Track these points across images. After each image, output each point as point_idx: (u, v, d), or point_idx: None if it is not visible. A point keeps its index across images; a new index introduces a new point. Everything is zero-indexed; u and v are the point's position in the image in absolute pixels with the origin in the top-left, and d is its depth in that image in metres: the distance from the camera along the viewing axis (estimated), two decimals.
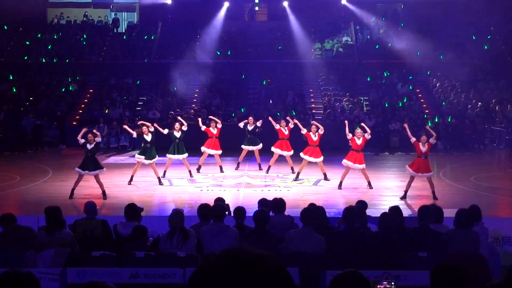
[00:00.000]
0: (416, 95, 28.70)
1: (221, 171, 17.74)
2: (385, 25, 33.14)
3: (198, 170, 17.61)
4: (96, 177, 14.18)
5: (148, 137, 15.67)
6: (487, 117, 25.98)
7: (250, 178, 17.03)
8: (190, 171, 16.99)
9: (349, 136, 15.26)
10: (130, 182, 15.87)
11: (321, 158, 16.18)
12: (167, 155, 16.78)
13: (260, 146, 18.03)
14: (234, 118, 25.24)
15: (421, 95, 28.90)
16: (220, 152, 17.57)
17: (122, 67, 30.13)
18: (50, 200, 12.75)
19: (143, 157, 15.59)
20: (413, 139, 14.29)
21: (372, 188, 15.24)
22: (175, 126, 16.89)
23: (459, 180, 16.89)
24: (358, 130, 15.46)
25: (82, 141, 14.26)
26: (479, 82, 28.77)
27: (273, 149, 17.40)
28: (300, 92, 28.97)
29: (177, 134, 16.71)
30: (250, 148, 18.02)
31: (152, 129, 15.75)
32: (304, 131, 16.37)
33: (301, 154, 16.28)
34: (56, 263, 6.99)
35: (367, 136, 15.25)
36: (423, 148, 14.00)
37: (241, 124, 18.25)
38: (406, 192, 14.16)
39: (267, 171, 17.54)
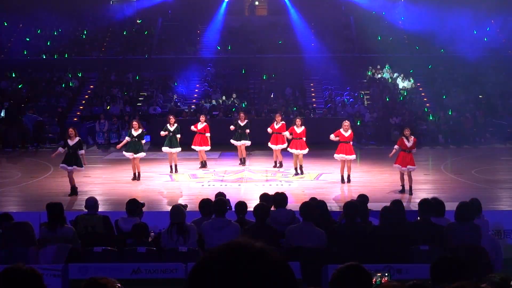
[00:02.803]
0: (416, 88, 28.67)
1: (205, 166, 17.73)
2: (385, 19, 33.08)
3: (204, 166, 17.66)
4: (71, 173, 14.14)
5: (136, 133, 15.76)
6: (488, 111, 25.96)
7: (251, 173, 17.03)
8: (171, 166, 16.96)
9: (333, 137, 15.22)
10: (134, 178, 15.85)
11: (305, 151, 16.19)
12: (162, 148, 16.94)
13: (248, 142, 18.00)
14: (235, 113, 25.22)
15: (421, 89, 28.87)
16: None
17: (123, 63, 30.12)
18: (51, 196, 12.75)
19: (131, 152, 15.67)
20: (396, 147, 14.25)
21: (349, 182, 15.17)
22: (170, 119, 17.01)
23: (460, 174, 16.89)
24: (346, 123, 15.39)
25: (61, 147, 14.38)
26: (480, 75, 28.73)
27: (269, 144, 17.41)
28: (301, 86, 28.95)
29: (171, 128, 16.80)
30: (238, 143, 17.95)
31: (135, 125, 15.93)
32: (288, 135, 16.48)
33: (288, 149, 16.46)
34: (58, 259, 6.99)
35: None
36: (408, 143, 13.96)
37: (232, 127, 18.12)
38: (403, 186, 14.15)
39: (281, 166, 17.43)
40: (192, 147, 17.47)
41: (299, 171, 16.41)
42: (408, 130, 14.24)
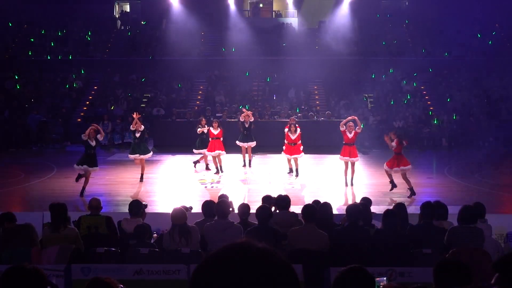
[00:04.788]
0: (420, 92, 28.65)
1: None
2: (390, 22, 33.08)
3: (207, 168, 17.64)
4: (89, 173, 14.17)
5: (137, 134, 15.71)
6: (492, 114, 25.92)
7: (254, 175, 17.02)
8: (206, 165, 17.56)
9: (342, 128, 15.18)
10: (141, 179, 15.81)
11: (301, 155, 16.31)
12: (194, 150, 17.43)
13: (254, 143, 17.94)
14: (239, 114, 25.22)
15: (425, 92, 28.85)
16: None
17: (127, 64, 30.14)
18: (54, 197, 12.77)
19: (136, 154, 15.62)
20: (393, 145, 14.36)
21: (352, 185, 15.16)
22: (202, 121, 17.39)
23: (463, 177, 16.85)
24: (350, 124, 15.38)
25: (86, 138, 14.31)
26: (484, 79, 28.70)
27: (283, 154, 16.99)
28: (305, 89, 28.93)
29: (204, 129, 17.17)
30: (245, 144, 17.85)
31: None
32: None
33: (282, 154, 16.61)
34: (60, 259, 7.00)
35: (358, 130, 15.22)
36: (391, 144, 14.05)
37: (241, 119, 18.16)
38: (410, 189, 14.09)
39: (295, 174, 16.85)
40: (208, 153, 17.14)
41: (294, 172, 16.54)
42: (393, 133, 14.32)
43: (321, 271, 6.30)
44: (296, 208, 9.54)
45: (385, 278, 4.07)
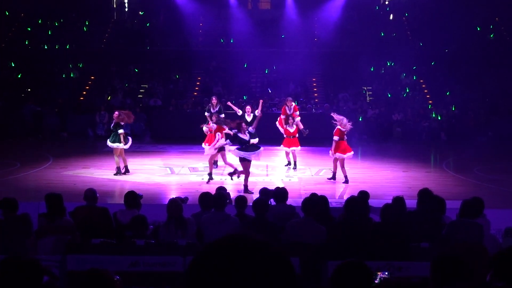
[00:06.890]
0: (419, 85, 28.61)
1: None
2: (389, 15, 33.01)
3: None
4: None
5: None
6: (491, 108, 25.90)
7: (251, 168, 16.92)
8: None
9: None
10: (126, 171, 15.62)
11: (298, 148, 16.39)
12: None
13: (256, 140, 17.68)
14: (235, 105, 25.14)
15: (424, 86, 28.81)
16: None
17: (124, 55, 30.02)
18: (50, 187, 12.74)
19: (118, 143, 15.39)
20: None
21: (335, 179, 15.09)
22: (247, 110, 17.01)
23: (462, 172, 16.83)
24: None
25: None
26: (483, 73, 28.67)
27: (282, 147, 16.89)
28: (303, 81, 28.88)
29: (248, 118, 16.68)
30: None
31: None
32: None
33: (281, 146, 16.58)
34: (56, 250, 6.97)
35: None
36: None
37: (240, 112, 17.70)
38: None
39: (293, 167, 16.79)
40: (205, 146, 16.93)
41: (292, 165, 16.55)
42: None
43: (318, 265, 6.27)
44: (293, 201, 9.51)
45: (387, 273, 4.04)
